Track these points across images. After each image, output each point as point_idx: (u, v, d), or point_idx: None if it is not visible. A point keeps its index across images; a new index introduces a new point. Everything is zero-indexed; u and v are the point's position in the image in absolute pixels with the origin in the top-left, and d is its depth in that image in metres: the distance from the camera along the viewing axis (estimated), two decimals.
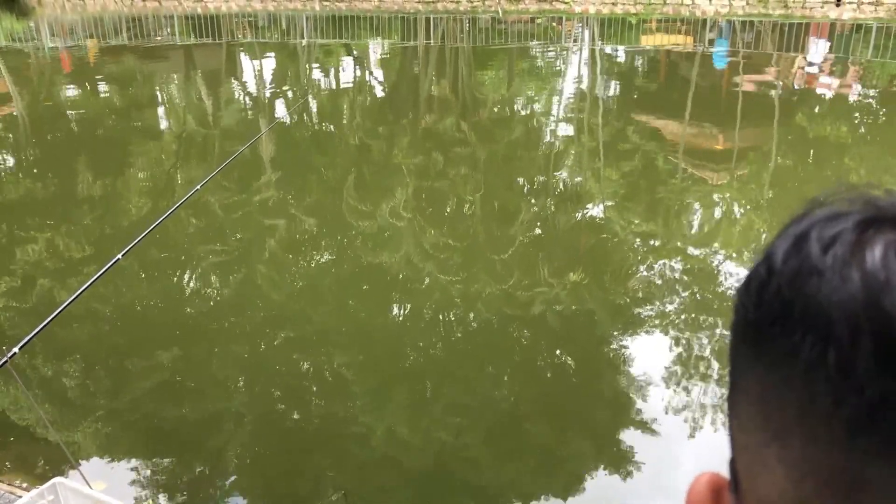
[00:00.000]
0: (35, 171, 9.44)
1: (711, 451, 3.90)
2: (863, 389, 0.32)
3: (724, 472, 0.43)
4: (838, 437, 0.33)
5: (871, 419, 0.32)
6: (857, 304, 0.33)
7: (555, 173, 9.23)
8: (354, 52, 19.35)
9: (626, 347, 5.02)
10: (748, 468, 0.39)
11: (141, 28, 21.63)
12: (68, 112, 12.56)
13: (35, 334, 2.67)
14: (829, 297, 0.33)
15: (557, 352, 5.08)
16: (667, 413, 4.28)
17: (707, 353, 4.97)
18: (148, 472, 3.82)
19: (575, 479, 3.83)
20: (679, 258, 6.50)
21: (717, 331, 5.26)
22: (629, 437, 4.10)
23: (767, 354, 0.36)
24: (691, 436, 4.12)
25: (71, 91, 14.38)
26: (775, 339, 0.36)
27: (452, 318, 5.45)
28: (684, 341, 5.11)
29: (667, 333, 5.22)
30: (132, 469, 3.85)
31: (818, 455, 0.34)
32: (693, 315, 5.50)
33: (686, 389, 4.52)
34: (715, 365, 4.82)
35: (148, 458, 3.93)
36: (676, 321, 5.39)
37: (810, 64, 16.30)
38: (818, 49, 17.55)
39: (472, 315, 5.44)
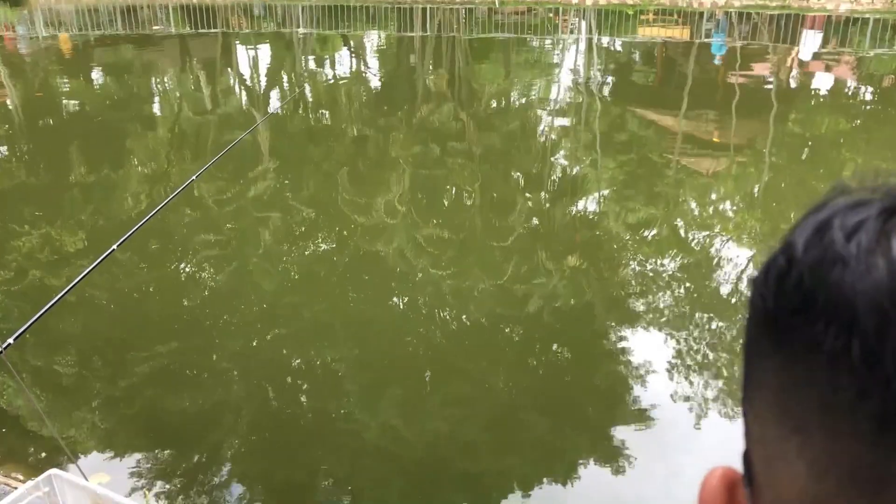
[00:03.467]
0: (27, 159, 9.39)
1: (711, 441, 3.91)
2: (889, 382, 0.31)
3: (735, 464, 0.42)
4: (863, 432, 0.32)
5: None
6: (883, 293, 0.31)
7: (552, 161, 9.21)
8: (351, 43, 19.25)
9: (623, 338, 5.03)
10: (765, 462, 0.38)
11: (135, 18, 21.46)
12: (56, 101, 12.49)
13: (30, 325, 2.65)
14: (853, 285, 0.32)
15: (555, 343, 5.08)
16: (670, 398, 4.29)
17: (705, 343, 4.98)
18: (148, 465, 3.81)
19: (575, 467, 3.83)
20: (675, 249, 6.49)
21: (715, 323, 5.26)
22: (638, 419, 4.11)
23: (787, 346, 0.35)
24: (696, 426, 4.13)
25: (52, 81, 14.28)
26: (796, 330, 0.35)
27: (456, 308, 5.45)
28: (683, 332, 5.11)
29: (665, 324, 5.22)
30: (133, 461, 3.83)
31: (841, 450, 0.33)
32: (693, 305, 5.50)
33: (688, 381, 4.53)
34: (716, 356, 4.82)
35: (147, 450, 3.91)
36: (678, 310, 5.39)
37: (805, 55, 16.28)
38: (814, 40, 17.54)
39: (477, 295, 5.44)
